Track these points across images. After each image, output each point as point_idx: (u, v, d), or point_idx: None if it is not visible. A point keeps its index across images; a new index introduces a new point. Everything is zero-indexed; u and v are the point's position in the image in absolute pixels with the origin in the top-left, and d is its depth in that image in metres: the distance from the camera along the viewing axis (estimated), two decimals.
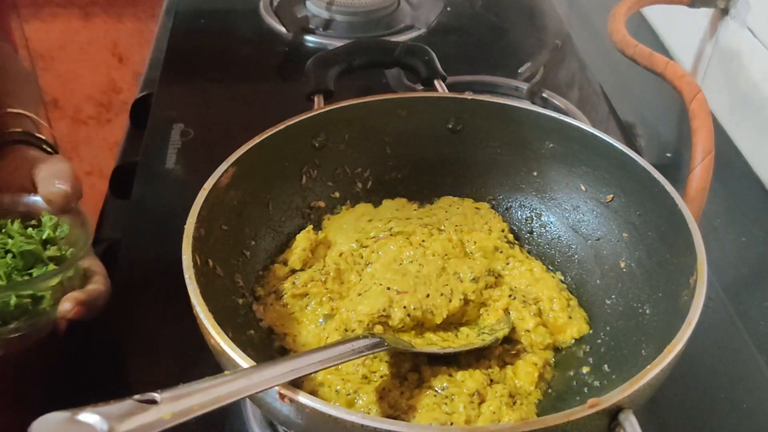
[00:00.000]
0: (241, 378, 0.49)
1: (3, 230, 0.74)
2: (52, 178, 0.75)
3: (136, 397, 0.44)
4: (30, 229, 0.74)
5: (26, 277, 0.70)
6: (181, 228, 0.64)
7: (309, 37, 1.35)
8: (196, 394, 0.46)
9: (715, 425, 0.75)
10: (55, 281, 0.70)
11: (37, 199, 0.76)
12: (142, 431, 0.43)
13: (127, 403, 0.44)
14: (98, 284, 0.74)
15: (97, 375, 0.78)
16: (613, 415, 0.51)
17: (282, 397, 0.51)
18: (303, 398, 0.50)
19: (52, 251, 0.73)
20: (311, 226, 0.78)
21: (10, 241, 0.72)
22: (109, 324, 0.83)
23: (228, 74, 1.28)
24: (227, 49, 1.36)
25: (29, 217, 0.76)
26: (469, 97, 0.81)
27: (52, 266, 0.72)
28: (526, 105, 0.82)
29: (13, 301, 0.68)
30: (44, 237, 0.74)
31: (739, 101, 0.99)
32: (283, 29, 1.37)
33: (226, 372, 0.52)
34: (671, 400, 0.75)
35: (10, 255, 0.71)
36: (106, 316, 0.84)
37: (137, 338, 0.83)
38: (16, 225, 0.74)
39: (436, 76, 0.86)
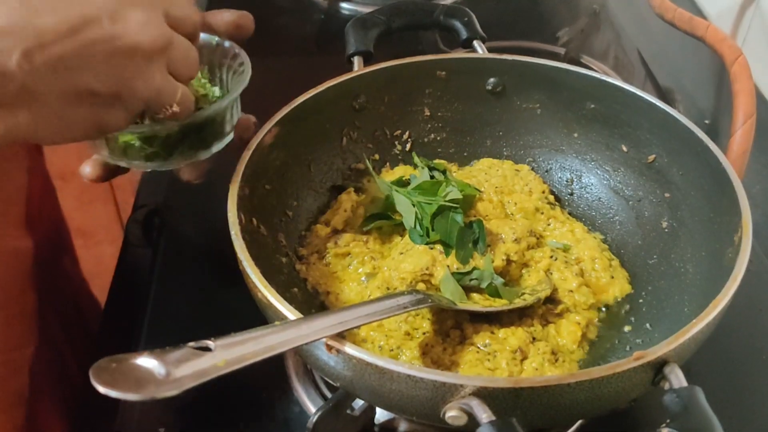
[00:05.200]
0: (291, 328, 0.50)
1: None
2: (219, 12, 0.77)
3: (191, 344, 0.45)
4: None
5: None
6: (219, 194, 0.64)
7: (344, 5, 1.35)
8: (249, 343, 0.47)
9: (754, 387, 0.75)
10: None
11: None
12: (197, 377, 0.44)
13: (182, 350, 0.45)
14: None
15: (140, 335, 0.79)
16: (658, 368, 0.51)
17: (330, 348, 0.51)
18: (350, 349, 0.51)
19: None
20: (352, 188, 0.79)
21: None
22: (149, 285, 0.85)
23: (264, 43, 1.28)
24: (263, 18, 1.35)
25: None
26: (509, 58, 0.80)
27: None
28: (566, 66, 0.81)
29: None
30: None
31: None
32: None
33: (276, 322, 0.52)
34: (710, 362, 0.75)
35: None
36: (147, 277, 0.86)
37: (177, 299, 0.84)
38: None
39: (475, 37, 0.85)
